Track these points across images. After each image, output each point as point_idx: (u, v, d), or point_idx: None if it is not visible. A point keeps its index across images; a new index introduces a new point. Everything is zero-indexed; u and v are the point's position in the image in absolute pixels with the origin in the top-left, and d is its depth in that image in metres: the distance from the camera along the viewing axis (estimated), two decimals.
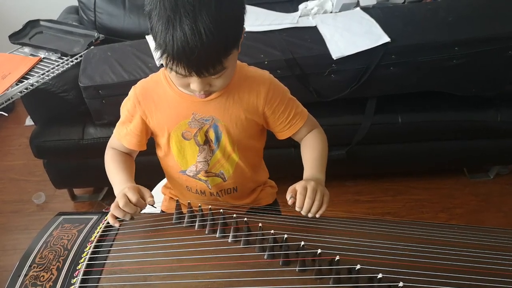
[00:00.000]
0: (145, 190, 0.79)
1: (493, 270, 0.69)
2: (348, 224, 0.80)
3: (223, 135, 0.86)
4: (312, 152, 0.88)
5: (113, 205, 0.77)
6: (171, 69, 0.70)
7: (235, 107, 0.84)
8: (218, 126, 0.85)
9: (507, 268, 0.71)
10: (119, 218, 0.77)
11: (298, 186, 0.77)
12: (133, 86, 0.88)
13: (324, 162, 0.87)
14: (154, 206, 0.79)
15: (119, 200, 0.76)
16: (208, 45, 0.65)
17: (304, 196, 0.75)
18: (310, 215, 0.75)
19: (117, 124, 0.91)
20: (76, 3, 1.98)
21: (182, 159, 0.90)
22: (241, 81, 0.83)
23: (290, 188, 0.78)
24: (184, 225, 0.79)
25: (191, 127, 0.86)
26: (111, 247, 0.75)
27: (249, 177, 0.96)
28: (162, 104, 0.84)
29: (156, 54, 0.70)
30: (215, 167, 0.91)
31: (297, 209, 0.75)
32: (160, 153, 0.94)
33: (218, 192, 0.95)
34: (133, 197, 0.76)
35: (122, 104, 0.90)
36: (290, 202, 0.76)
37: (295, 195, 0.76)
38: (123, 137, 0.90)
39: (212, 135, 0.86)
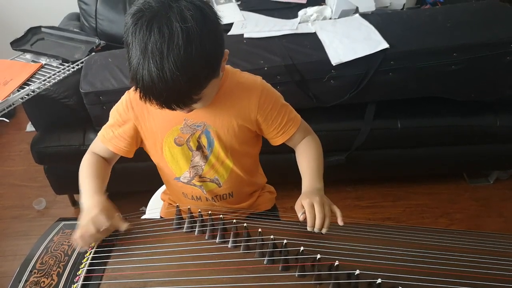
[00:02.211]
0: (116, 214, 0.77)
1: (493, 275, 0.69)
2: (347, 229, 0.80)
3: (215, 141, 0.86)
4: (308, 161, 0.88)
5: (78, 231, 0.74)
6: (145, 101, 0.70)
7: (226, 114, 0.84)
8: (210, 132, 0.85)
9: (507, 273, 0.71)
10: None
11: (305, 203, 0.76)
12: (126, 91, 0.87)
13: (321, 169, 0.87)
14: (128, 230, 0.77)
15: (89, 223, 0.73)
16: (175, 89, 0.66)
17: (313, 214, 0.74)
18: (324, 230, 0.74)
19: (104, 127, 0.89)
20: (77, 10, 2.00)
21: (175, 165, 0.90)
22: (233, 88, 0.83)
23: (297, 206, 0.78)
24: (184, 230, 0.79)
25: (183, 133, 0.86)
26: (111, 252, 0.75)
27: (245, 183, 0.96)
28: (154, 109, 0.83)
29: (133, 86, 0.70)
30: (209, 173, 0.91)
31: (309, 228, 0.74)
32: (154, 160, 0.94)
33: (213, 198, 0.95)
34: (105, 223, 0.73)
35: (113, 108, 0.88)
36: (301, 218, 0.76)
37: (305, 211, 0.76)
38: (108, 140, 0.87)
39: (204, 141, 0.86)
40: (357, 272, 0.64)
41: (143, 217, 1.06)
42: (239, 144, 0.88)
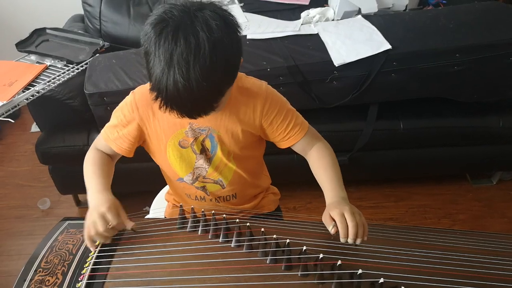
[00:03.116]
0: (123, 212, 0.77)
1: (495, 275, 0.69)
2: None
3: (218, 145, 0.86)
4: (325, 170, 0.85)
5: (88, 230, 0.74)
6: (164, 111, 0.70)
7: (231, 119, 0.84)
8: (214, 137, 0.86)
9: (509, 273, 0.71)
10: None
11: (334, 214, 0.73)
12: (131, 92, 0.87)
13: (340, 177, 0.85)
14: (133, 230, 0.78)
15: (97, 221, 0.73)
16: (199, 98, 0.66)
17: (345, 224, 0.71)
18: (358, 241, 0.71)
19: (107, 126, 0.89)
20: (81, 12, 2.01)
21: (179, 167, 0.90)
22: (238, 93, 0.83)
23: (326, 218, 0.75)
24: (187, 230, 0.80)
25: (188, 136, 0.86)
26: (115, 251, 0.75)
27: (249, 184, 0.96)
28: (159, 111, 0.82)
29: (151, 95, 0.69)
30: (213, 175, 0.91)
31: (342, 240, 0.71)
32: (156, 161, 0.94)
33: (216, 199, 0.95)
34: (114, 221, 0.74)
35: (117, 108, 0.88)
36: (333, 231, 0.72)
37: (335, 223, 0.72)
38: (112, 140, 0.87)
39: (208, 144, 0.87)
40: (360, 271, 0.64)
41: (146, 216, 1.07)
42: (242, 148, 0.88)
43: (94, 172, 0.84)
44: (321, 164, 0.87)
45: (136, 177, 1.64)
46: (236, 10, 1.84)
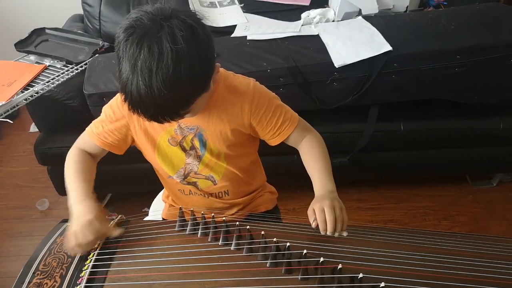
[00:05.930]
0: (107, 220, 0.78)
1: (497, 280, 0.69)
2: (350, 232, 0.80)
3: (207, 144, 0.87)
4: (314, 162, 0.87)
5: (75, 239, 0.75)
6: (133, 114, 0.71)
7: (219, 118, 0.84)
8: (203, 135, 0.86)
9: (510, 277, 0.71)
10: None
11: (316, 208, 0.76)
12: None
13: (330, 169, 0.86)
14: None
15: (83, 232, 0.74)
16: (162, 105, 0.67)
17: (323, 219, 0.74)
18: (336, 234, 0.74)
19: (93, 122, 0.89)
20: (81, 12, 2.00)
21: (169, 164, 0.90)
22: (226, 92, 0.83)
23: (309, 212, 0.78)
24: (187, 232, 0.79)
25: (177, 134, 0.86)
26: (114, 254, 0.75)
27: (242, 181, 0.96)
28: None
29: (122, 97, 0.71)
30: (204, 171, 0.91)
31: (322, 232, 0.75)
32: (147, 159, 0.94)
33: (208, 195, 0.95)
34: (102, 228, 0.75)
35: (107, 104, 0.88)
36: (313, 225, 0.76)
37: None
38: (96, 134, 0.87)
39: (197, 143, 0.87)
40: (360, 275, 0.64)
41: (146, 218, 1.06)
42: (232, 147, 0.88)
43: (76, 177, 0.84)
44: (311, 155, 0.88)
45: (135, 178, 1.63)
46: (236, 11, 1.84)
